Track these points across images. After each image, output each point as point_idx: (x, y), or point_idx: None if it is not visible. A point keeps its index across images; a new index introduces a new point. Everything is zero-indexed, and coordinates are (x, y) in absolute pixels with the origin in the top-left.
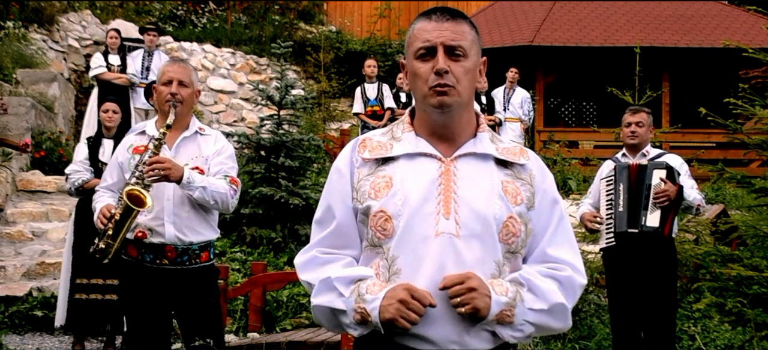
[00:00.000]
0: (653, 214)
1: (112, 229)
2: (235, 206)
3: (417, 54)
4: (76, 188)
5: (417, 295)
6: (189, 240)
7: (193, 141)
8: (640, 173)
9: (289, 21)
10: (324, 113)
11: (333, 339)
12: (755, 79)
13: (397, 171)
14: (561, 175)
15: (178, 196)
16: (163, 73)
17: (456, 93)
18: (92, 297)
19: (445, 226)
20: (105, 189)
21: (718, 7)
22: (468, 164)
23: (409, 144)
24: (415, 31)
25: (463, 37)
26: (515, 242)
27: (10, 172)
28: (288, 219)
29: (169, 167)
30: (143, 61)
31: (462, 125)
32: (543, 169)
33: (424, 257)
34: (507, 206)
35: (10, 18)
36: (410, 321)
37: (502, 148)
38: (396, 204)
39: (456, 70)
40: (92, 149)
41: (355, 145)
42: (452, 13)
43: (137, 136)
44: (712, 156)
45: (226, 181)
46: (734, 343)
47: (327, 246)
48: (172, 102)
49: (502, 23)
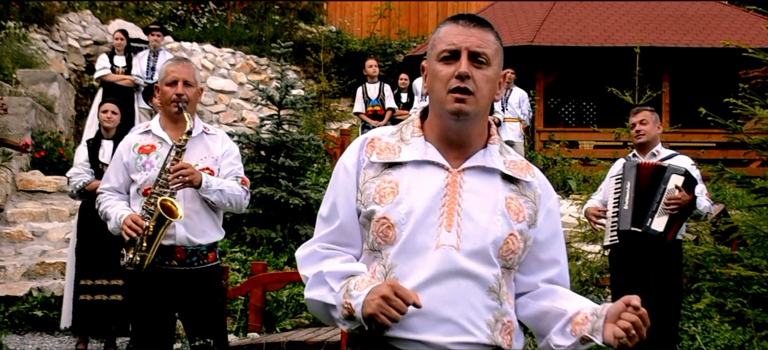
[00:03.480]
0: (660, 218)
1: (145, 240)
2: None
3: (440, 56)
4: (78, 191)
5: (400, 293)
6: (198, 241)
7: (200, 141)
8: (657, 174)
9: (289, 21)
10: (324, 113)
11: (333, 339)
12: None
13: (403, 178)
14: (561, 175)
15: (188, 197)
16: (166, 73)
17: (474, 101)
18: (97, 298)
19: (446, 238)
20: (110, 191)
21: (718, 7)
22: (475, 177)
23: (417, 150)
24: (440, 34)
25: (488, 45)
26: (512, 260)
27: (10, 172)
28: (288, 219)
29: (192, 173)
30: (148, 62)
31: (474, 136)
32: (548, 187)
33: (422, 267)
34: (509, 223)
35: (10, 18)
36: (391, 318)
37: (510, 161)
38: (400, 213)
39: (477, 78)
40: (92, 150)
41: (363, 144)
42: (480, 21)
43: (141, 135)
44: (712, 156)
45: (238, 182)
46: (734, 343)
47: (329, 242)
48: (179, 104)
49: (502, 23)
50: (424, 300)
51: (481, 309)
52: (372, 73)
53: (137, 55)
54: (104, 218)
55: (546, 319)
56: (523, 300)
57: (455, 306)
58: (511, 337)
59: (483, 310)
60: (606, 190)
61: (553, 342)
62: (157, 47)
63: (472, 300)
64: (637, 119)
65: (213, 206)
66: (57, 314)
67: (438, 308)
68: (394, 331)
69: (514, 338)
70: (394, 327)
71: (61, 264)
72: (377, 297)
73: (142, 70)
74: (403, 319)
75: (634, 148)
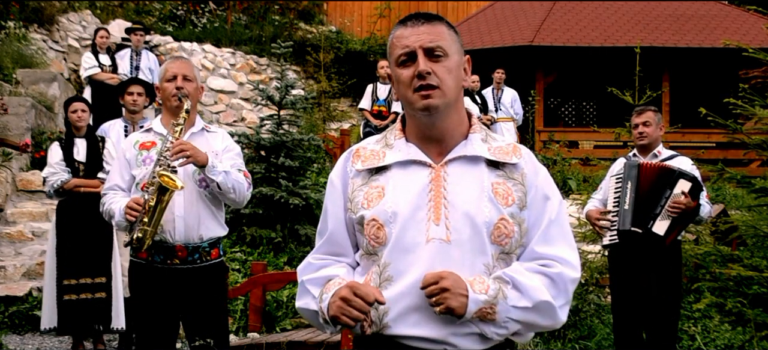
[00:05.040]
0: (663, 221)
1: (147, 215)
2: (249, 199)
3: (398, 61)
4: (56, 190)
5: (360, 292)
6: (199, 236)
7: (201, 137)
8: (663, 176)
9: (289, 21)
10: (324, 113)
11: (333, 339)
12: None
13: (389, 180)
14: (561, 175)
15: (188, 193)
16: (166, 71)
17: (441, 93)
18: (82, 297)
19: (436, 232)
20: (113, 189)
21: (718, 7)
22: (458, 167)
23: (400, 152)
24: (393, 40)
25: (441, 37)
26: (509, 243)
27: (10, 172)
28: (288, 219)
29: (195, 150)
30: (131, 61)
31: (452, 127)
32: (536, 165)
33: (414, 263)
34: (497, 208)
35: (10, 18)
36: (352, 318)
37: (495, 148)
38: (387, 212)
39: (439, 71)
40: (66, 149)
41: (349, 156)
42: (427, 17)
43: (143, 133)
44: (712, 156)
45: (240, 174)
46: (734, 343)
47: (322, 254)
48: (179, 95)
49: (502, 23)
50: (419, 296)
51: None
52: (384, 74)
53: (119, 54)
54: (109, 216)
55: None
56: None
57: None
58: None
59: None
60: (606, 189)
61: None
62: (139, 47)
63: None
64: (641, 120)
65: (214, 201)
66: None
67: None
68: (393, 329)
69: None
70: (392, 325)
71: None
72: (337, 299)
73: (126, 69)
74: (400, 316)
75: (635, 148)
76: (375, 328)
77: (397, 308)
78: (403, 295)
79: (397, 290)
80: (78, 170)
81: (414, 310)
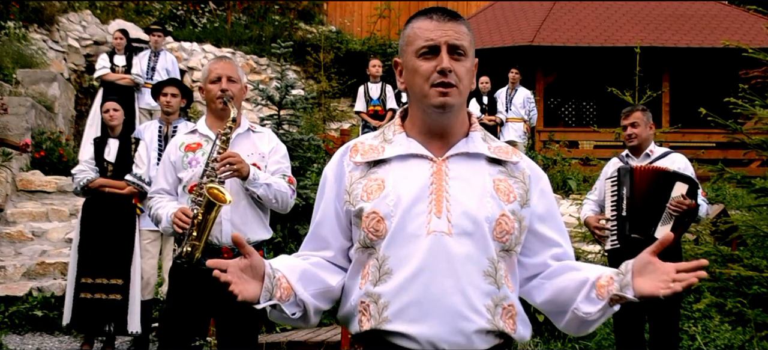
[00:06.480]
0: (664, 226)
1: (196, 229)
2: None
3: (419, 52)
4: (82, 188)
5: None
6: (246, 239)
7: (247, 138)
8: (658, 180)
9: (289, 21)
10: (324, 113)
11: (333, 339)
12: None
13: (389, 173)
14: (561, 175)
15: (234, 194)
16: (210, 71)
17: (458, 92)
18: (96, 297)
19: (437, 224)
20: (160, 193)
21: (718, 7)
22: (460, 163)
23: (400, 146)
24: (415, 30)
25: (464, 37)
26: (509, 240)
27: (10, 172)
28: (288, 219)
29: (240, 161)
30: (149, 62)
31: (457, 126)
32: (536, 169)
33: (414, 254)
34: (499, 204)
35: (11, 18)
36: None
37: (495, 147)
38: (388, 205)
39: (458, 70)
40: (98, 148)
41: (346, 150)
42: (452, 14)
43: (188, 134)
44: (712, 156)
45: (285, 180)
46: (734, 343)
47: (306, 249)
48: (224, 98)
49: (502, 23)
50: (419, 290)
51: (478, 293)
52: (375, 73)
53: (138, 55)
54: (156, 220)
55: (566, 292)
56: (537, 282)
57: (451, 292)
58: (515, 322)
59: (480, 295)
60: (600, 190)
61: (581, 310)
62: (158, 47)
63: (468, 285)
64: (629, 121)
65: (259, 204)
66: (57, 314)
67: (434, 296)
68: (393, 324)
69: (518, 323)
70: (392, 320)
71: (61, 264)
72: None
73: (142, 69)
74: (401, 310)
75: (627, 149)
76: (374, 323)
77: (397, 302)
78: (403, 288)
79: (396, 283)
80: (106, 170)
81: (414, 304)
